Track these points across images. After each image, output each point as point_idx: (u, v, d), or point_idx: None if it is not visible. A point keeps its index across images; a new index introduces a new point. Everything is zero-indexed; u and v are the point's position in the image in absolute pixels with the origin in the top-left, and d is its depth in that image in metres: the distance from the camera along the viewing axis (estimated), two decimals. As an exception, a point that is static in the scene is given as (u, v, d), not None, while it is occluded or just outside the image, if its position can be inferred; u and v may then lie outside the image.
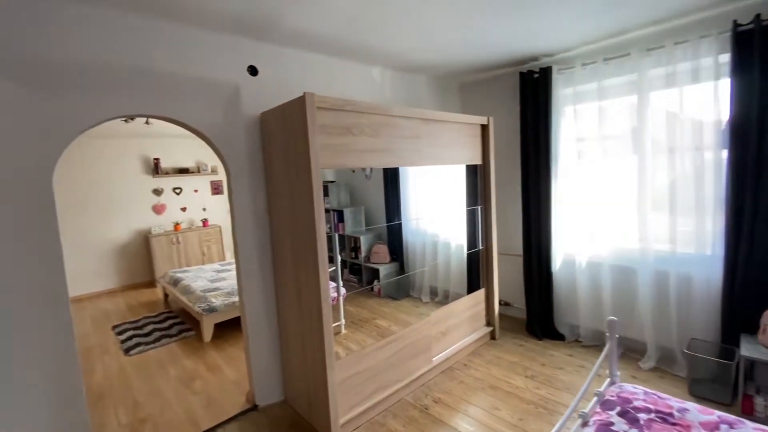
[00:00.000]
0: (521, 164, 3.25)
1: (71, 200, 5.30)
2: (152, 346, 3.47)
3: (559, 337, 3.16)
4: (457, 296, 3.36)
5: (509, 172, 3.49)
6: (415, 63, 3.03)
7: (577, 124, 2.94)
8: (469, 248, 3.23)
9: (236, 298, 3.69)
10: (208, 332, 3.51)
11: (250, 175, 2.34)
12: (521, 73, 3.16)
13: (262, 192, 2.39)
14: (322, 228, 1.94)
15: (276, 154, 2.23)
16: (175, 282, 4.41)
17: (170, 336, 3.65)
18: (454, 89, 3.82)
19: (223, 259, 6.33)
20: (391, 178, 3.54)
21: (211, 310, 3.49)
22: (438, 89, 3.62)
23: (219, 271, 4.75)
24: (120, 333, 3.82)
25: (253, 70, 2.33)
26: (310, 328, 2.10)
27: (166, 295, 4.86)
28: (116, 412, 2.50)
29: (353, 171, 3.82)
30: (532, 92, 3.09)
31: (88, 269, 5.43)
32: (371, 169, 3.69)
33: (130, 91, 1.90)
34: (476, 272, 3.24)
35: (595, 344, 3.01)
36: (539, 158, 3.10)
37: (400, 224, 3.59)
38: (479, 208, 3.13)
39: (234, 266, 4.95)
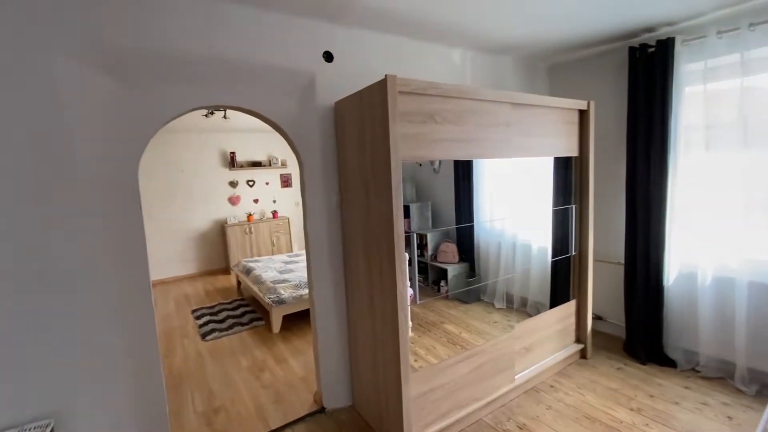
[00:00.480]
0: (627, 156, 2.76)
1: (160, 190, 5.76)
2: (226, 333, 3.59)
3: (668, 363, 2.65)
4: (538, 306, 2.98)
5: (610, 166, 3.00)
6: (501, 42, 2.69)
7: (706, 107, 2.39)
8: (555, 253, 2.83)
9: (304, 291, 3.68)
10: (276, 323, 3.54)
11: (323, 167, 2.22)
12: (631, 48, 2.66)
13: (335, 185, 2.26)
14: (400, 227, 1.74)
15: (350, 145, 2.08)
16: (247, 271, 4.56)
17: (242, 324, 3.76)
18: (542, 72, 3.38)
19: (291, 251, 6.51)
20: (463, 172, 3.24)
21: (280, 302, 3.51)
22: (524, 72, 3.23)
23: (287, 263, 4.83)
24: (198, 318, 4.03)
25: (328, 56, 2.19)
26: (383, 335, 1.93)
27: (239, 283, 5.07)
28: (192, 399, 2.58)
29: (419, 164, 3.58)
30: (645, 70, 2.59)
31: (173, 255, 5.89)
32: (440, 162, 3.42)
33: (208, 81, 1.86)
34: (563, 281, 2.84)
35: (720, 376, 2.46)
36: (650, 149, 2.59)
37: (471, 223, 3.30)
38: (572, 207, 2.71)
39: (301, 258, 5.02)
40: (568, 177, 2.74)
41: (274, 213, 6.49)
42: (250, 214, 6.25)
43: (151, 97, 1.73)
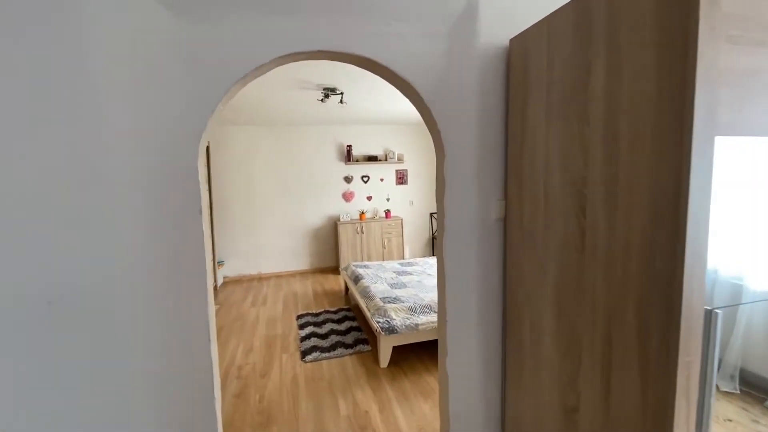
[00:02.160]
0: None
1: (279, 184, 5.70)
2: (327, 355, 3.04)
3: None
4: None
5: None
6: None
7: None
8: None
9: (419, 319, 2.89)
10: (385, 356, 2.83)
11: (480, 155, 1.35)
12: None
13: (498, 186, 1.36)
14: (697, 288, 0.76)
15: (542, 112, 1.15)
16: (356, 278, 4.01)
17: (346, 346, 3.17)
18: None
19: (402, 256, 5.84)
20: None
21: (390, 330, 2.79)
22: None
23: (399, 273, 4.13)
24: (302, 327, 3.61)
25: (498, -33, 1.29)
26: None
27: (347, 288, 4.60)
28: (278, 454, 2.01)
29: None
30: None
31: (287, 249, 5.80)
32: None
33: (308, 13, 1.16)
34: None
35: None
36: None
37: None
38: None
39: (415, 269, 4.26)
40: None
41: (387, 212, 5.90)
42: (362, 212, 5.79)
43: (223, 36, 1.10)
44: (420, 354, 3.00)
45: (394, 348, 2.91)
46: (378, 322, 2.88)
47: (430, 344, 3.04)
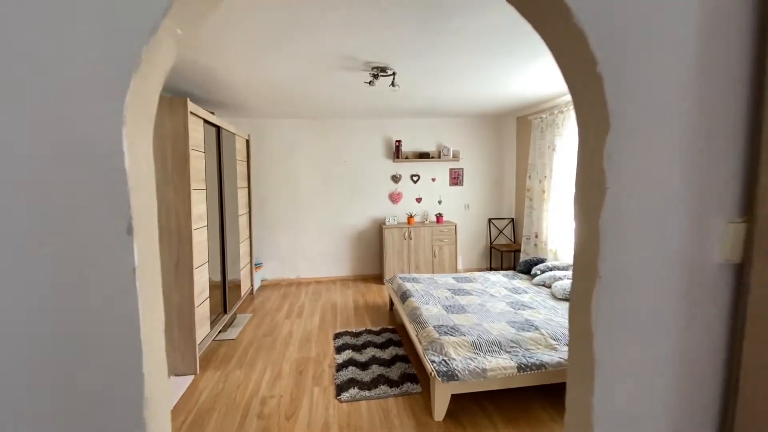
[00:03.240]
0: None
1: (322, 182, 5.25)
2: (367, 394, 2.46)
3: None
4: None
5: None
6: None
7: None
8: None
9: (486, 361, 2.22)
10: (440, 406, 2.19)
11: (693, 137, 0.67)
12: None
13: (733, 197, 0.68)
14: None
15: None
16: (403, 295, 3.40)
17: (390, 383, 2.57)
18: None
19: (455, 268, 5.14)
20: None
21: (450, 375, 2.14)
22: None
23: (455, 291, 3.46)
24: (339, 350, 3.07)
25: None
26: None
27: (391, 303, 4.01)
28: None
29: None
30: None
31: (329, 253, 5.34)
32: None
33: None
34: None
35: None
36: None
37: None
38: None
39: (474, 287, 3.57)
40: None
41: (439, 217, 5.23)
42: (410, 216, 5.17)
43: None
44: (485, 405, 2.33)
45: (453, 395, 2.26)
46: (432, 362, 2.24)
47: (500, 393, 2.35)
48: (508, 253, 5.31)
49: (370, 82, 2.93)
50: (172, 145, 2.70)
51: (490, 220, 5.56)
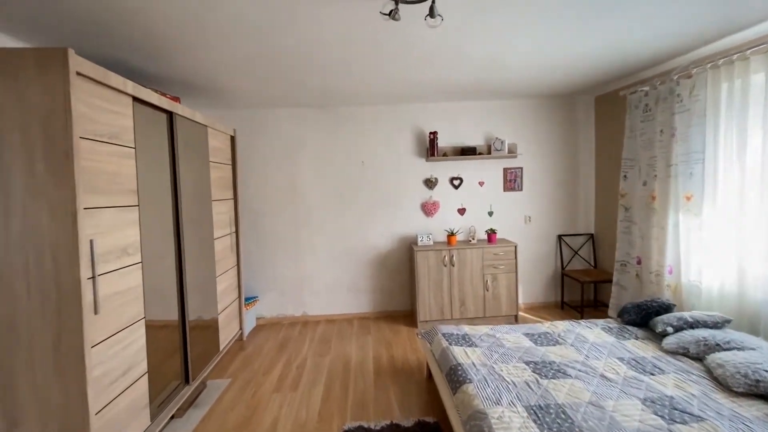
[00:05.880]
0: None
1: (332, 189, 4.01)
2: None
3: None
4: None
5: None
6: None
7: None
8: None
9: None
10: None
11: None
12: None
13: None
14: None
15: None
16: (452, 375, 2.06)
17: None
18: None
19: (515, 307, 3.72)
20: None
21: None
22: None
23: (538, 368, 2.08)
24: (343, 482, 1.77)
25: None
26: None
27: (429, 372, 2.68)
28: None
29: None
30: None
31: (341, 282, 4.07)
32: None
33: None
34: None
35: None
36: None
37: None
38: None
39: (565, 351, 2.16)
40: None
41: (491, 234, 3.84)
42: (451, 233, 3.82)
43: None
44: None
45: None
46: None
47: None
48: (589, 284, 3.83)
49: (390, 14, 1.64)
50: (44, 131, 1.52)
51: (560, 237, 4.10)
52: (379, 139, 3.98)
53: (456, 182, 4.03)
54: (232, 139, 3.47)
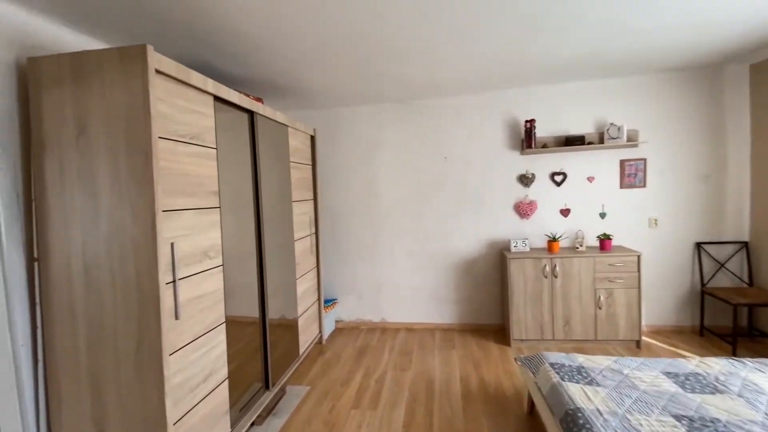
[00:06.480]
0: None
1: (413, 190, 3.73)
2: None
3: None
4: None
5: None
6: None
7: None
8: None
9: None
10: None
11: None
12: None
13: None
14: None
15: None
16: (570, 422, 1.61)
17: None
18: None
19: (638, 330, 3.04)
20: None
21: None
22: None
23: (691, 425, 1.51)
24: None
25: None
26: None
27: (531, 403, 2.23)
28: None
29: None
30: None
31: (423, 289, 3.77)
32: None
33: None
34: None
35: None
36: None
37: None
38: None
39: (730, 405, 1.55)
40: None
41: (604, 240, 3.18)
42: (553, 239, 3.26)
43: None
44: None
45: None
46: None
47: None
48: (743, 306, 2.94)
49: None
50: (125, 131, 1.49)
51: (699, 245, 3.25)
52: (464, 131, 3.58)
53: (558, 178, 3.45)
54: (312, 138, 3.39)
